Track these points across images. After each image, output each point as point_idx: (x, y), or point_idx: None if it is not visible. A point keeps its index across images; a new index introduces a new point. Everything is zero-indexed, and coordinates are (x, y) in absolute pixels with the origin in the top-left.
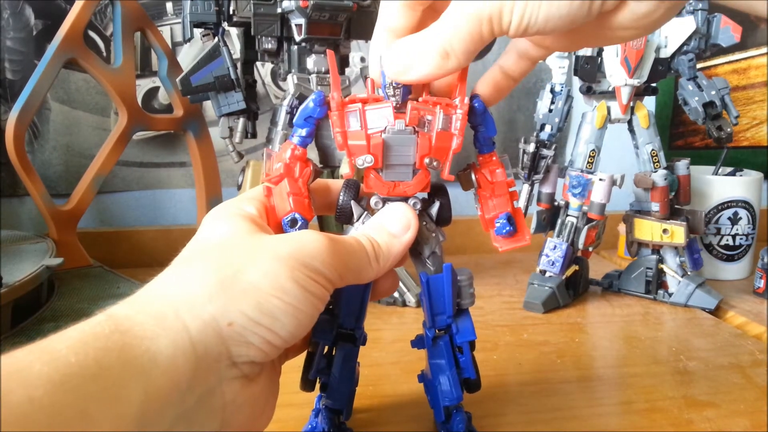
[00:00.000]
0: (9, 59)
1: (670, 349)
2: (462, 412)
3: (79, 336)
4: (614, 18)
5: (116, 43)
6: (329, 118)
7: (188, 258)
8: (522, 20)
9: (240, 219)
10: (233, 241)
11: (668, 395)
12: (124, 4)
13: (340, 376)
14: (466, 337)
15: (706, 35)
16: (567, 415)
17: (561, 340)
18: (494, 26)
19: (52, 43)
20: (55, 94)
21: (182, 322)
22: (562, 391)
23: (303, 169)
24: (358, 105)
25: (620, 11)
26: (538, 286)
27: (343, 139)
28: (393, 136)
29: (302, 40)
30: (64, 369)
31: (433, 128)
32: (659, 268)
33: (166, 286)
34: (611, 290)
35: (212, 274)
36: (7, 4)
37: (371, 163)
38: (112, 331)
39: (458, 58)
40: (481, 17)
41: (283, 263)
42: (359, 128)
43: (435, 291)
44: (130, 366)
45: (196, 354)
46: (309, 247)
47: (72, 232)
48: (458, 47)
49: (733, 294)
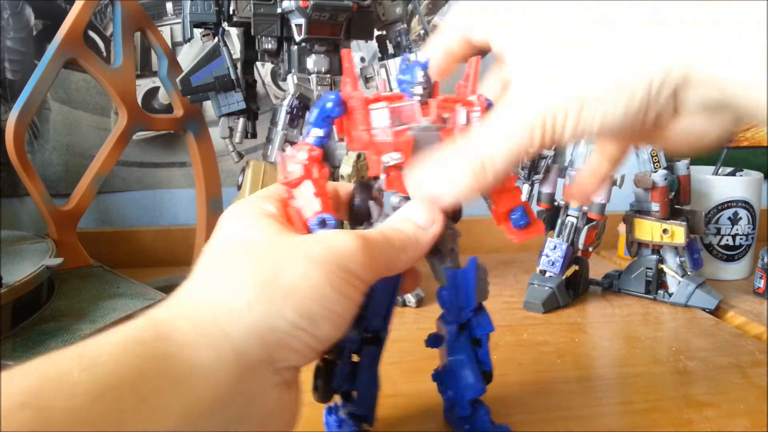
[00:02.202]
0: (9, 59)
1: (670, 349)
2: (484, 404)
3: (119, 341)
4: (671, 129)
5: (116, 43)
6: (348, 117)
7: (220, 259)
8: (577, 127)
9: (265, 218)
10: (264, 242)
11: (668, 395)
12: (124, 4)
13: (368, 381)
14: (486, 329)
15: None
16: (567, 415)
17: (561, 340)
18: (547, 134)
19: (52, 43)
20: (55, 94)
21: (222, 330)
22: (562, 391)
23: (320, 170)
24: (383, 102)
25: (673, 125)
26: (538, 286)
27: (369, 136)
28: (420, 133)
29: (302, 40)
30: (103, 378)
31: (456, 125)
32: (659, 268)
33: (202, 290)
34: (611, 290)
35: (250, 278)
36: (7, 4)
37: (399, 160)
38: (153, 338)
39: (496, 175)
40: (534, 127)
41: (319, 266)
42: (386, 126)
43: (462, 285)
44: (171, 376)
45: (238, 363)
46: (342, 248)
47: (72, 232)
48: (500, 163)
49: (733, 294)
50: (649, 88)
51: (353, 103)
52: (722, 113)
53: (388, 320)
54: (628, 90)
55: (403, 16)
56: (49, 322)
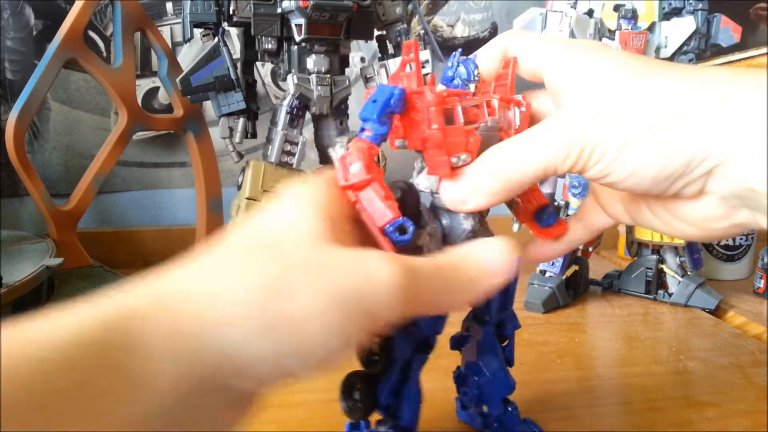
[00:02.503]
0: (9, 59)
1: (670, 349)
2: (512, 401)
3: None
4: (684, 206)
5: (116, 43)
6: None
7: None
8: (609, 166)
9: (312, 212)
10: (289, 247)
11: (668, 395)
12: (124, 4)
13: (415, 392)
14: (516, 326)
15: (706, 35)
16: (567, 415)
17: (561, 340)
18: (580, 160)
19: (52, 43)
20: (55, 94)
21: (199, 345)
22: (562, 391)
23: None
24: (455, 99)
25: (694, 203)
26: (538, 286)
27: (443, 136)
28: (485, 132)
29: (302, 40)
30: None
31: (511, 125)
32: (659, 268)
33: (197, 282)
34: (611, 290)
35: (258, 288)
36: (7, 4)
37: (467, 161)
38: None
39: (521, 184)
40: (572, 146)
41: (337, 307)
42: (458, 124)
43: (508, 285)
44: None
45: (200, 385)
46: (377, 286)
47: (72, 232)
48: (526, 173)
49: (733, 294)
50: (689, 160)
51: (421, 99)
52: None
53: (442, 325)
54: (670, 154)
55: (403, 16)
56: None
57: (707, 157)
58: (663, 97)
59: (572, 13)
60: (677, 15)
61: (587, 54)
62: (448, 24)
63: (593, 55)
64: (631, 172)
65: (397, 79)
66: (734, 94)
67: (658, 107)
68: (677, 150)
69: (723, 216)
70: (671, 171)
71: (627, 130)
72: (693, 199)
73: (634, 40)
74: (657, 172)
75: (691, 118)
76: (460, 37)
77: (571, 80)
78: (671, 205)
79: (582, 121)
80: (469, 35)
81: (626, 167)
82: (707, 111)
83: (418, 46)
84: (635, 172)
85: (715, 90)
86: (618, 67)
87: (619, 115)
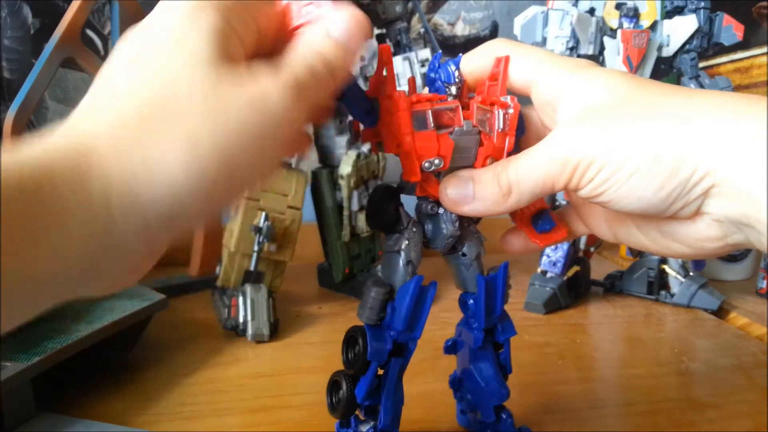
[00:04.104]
0: (6, 58)
1: (672, 350)
2: (507, 409)
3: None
4: (678, 227)
5: (114, 42)
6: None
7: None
8: (605, 183)
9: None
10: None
11: (670, 397)
12: (122, 2)
13: (393, 395)
14: (510, 333)
15: (709, 34)
16: (568, 416)
17: (562, 341)
18: (574, 176)
19: (50, 42)
20: (52, 93)
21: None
22: (563, 393)
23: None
24: (426, 104)
25: (688, 224)
26: (539, 287)
27: (411, 140)
28: (460, 137)
29: None
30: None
31: (494, 128)
32: (661, 269)
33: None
34: (613, 291)
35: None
36: (4, 3)
37: (440, 165)
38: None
39: (520, 198)
40: (567, 163)
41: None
42: (429, 129)
43: (492, 291)
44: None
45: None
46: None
47: None
48: (526, 186)
49: (736, 295)
50: (686, 180)
51: (393, 103)
52: (739, 232)
53: (419, 332)
54: (668, 174)
55: (403, 14)
56: (47, 321)
57: (706, 175)
58: (658, 117)
59: (574, 12)
60: (679, 13)
61: (579, 73)
62: (449, 22)
63: (585, 74)
64: (627, 191)
65: (375, 83)
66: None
67: (654, 126)
68: (675, 167)
69: (717, 238)
70: (669, 190)
71: (623, 149)
72: (688, 221)
73: (636, 39)
74: (654, 191)
75: (689, 136)
76: (460, 35)
77: (565, 99)
78: (664, 225)
79: (578, 138)
80: (469, 34)
81: (622, 186)
82: (704, 131)
83: (390, 51)
84: (631, 192)
85: (714, 114)
86: (612, 86)
87: (614, 134)
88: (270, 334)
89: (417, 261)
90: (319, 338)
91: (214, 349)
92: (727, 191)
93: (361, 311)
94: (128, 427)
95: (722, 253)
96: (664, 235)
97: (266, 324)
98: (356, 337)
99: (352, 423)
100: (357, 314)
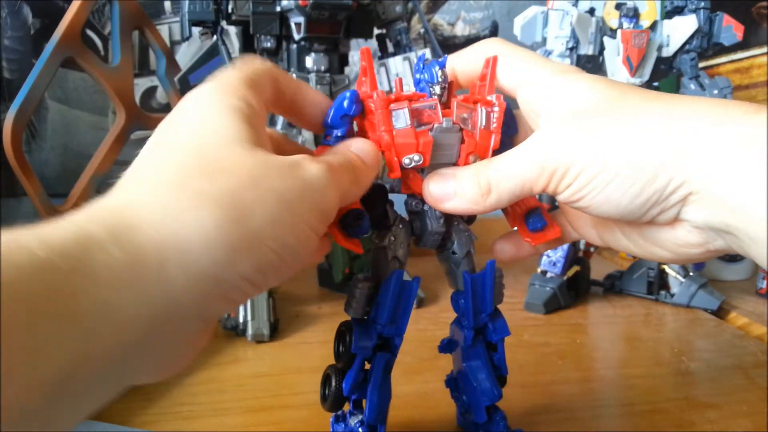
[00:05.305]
0: (6, 58)
1: (672, 350)
2: (500, 410)
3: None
4: (659, 232)
5: (114, 42)
6: (366, 117)
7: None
8: (582, 189)
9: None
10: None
11: (670, 397)
12: (122, 2)
13: (379, 389)
14: (502, 333)
15: (709, 34)
16: (568, 416)
17: (562, 341)
18: (552, 181)
19: (50, 42)
20: (52, 93)
21: (162, 272)
22: (563, 393)
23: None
24: (404, 103)
25: (669, 230)
26: (539, 287)
27: (390, 137)
28: (440, 134)
29: (301, 38)
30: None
31: (476, 126)
32: (661, 269)
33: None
34: (613, 291)
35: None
36: (5, 3)
37: (419, 162)
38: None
39: (499, 198)
40: (544, 167)
41: (290, 210)
42: (407, 126)
43: (479, 289)
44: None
45: (168, 314)
46: (317, 185)
47: None
48: (505, 187)
49: (736, 295)
50: (663, 188)
51: (373, 102)
52: (720, 238)
53: (403, 327)
54: (645, 181)
55: (403, 14)
56: None
57: (683, 183)
58: (638, 124)
59: (573, 12)
60: (679, 13)
61: (562, 78)
62: (449, 22)
63: (568, 79)
64: (605, 198)
65: (359, 84)
66: (711, 127)
67: (633, 133)
68: (652, 175)
69: (698, 244)
70: (647, 197)
71: (602, 155)
72: (668, 226)
73: (636, 39)
74: (631, 198)
75: (668, 143)
76: (460, 35)
77: (546, 103)
78: (646, 230)
79: (556, 143)
80: (469, 34)
81: (599, 192)
82: (683, 139)
83: (370, 53)
84: (609, 198)
85: (692, 121)
86: (593, 92)
87: (593, 140)
88: (270, 334)
89: (403, 257)
90: (319, 338)
91: (214, 349)
92: (705, 199)
93: (348, 305)
94: (128, 427)
95: (705, 258)
96: (647, 239)
97: (266, 324)
98: (345, 332)
99: (347, 418)
100: (343, 309)
